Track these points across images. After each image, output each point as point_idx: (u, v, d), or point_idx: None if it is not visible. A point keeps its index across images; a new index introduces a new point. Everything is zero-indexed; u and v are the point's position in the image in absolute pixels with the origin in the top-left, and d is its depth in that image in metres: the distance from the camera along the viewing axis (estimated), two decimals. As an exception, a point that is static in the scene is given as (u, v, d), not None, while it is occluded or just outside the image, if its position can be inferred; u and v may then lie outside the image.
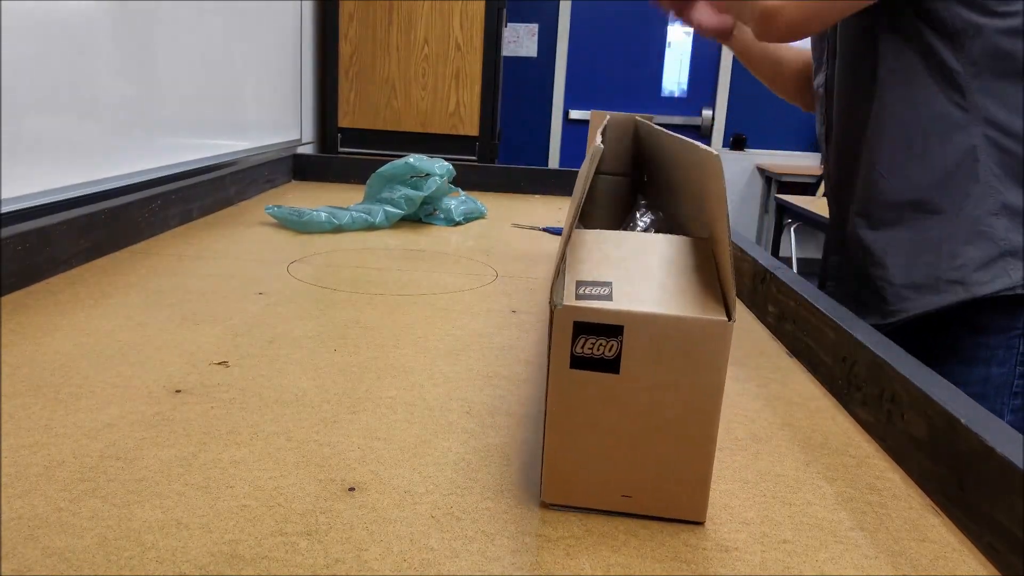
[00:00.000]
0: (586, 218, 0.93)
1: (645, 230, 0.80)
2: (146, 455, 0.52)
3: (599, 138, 0.65)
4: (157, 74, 1.35)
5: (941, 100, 0.84)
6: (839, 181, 0.99)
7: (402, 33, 2.40)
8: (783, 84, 1.20)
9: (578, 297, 0.46)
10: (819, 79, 1.03)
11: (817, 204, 3.37)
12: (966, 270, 0.84)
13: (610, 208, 0.95)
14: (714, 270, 0.47)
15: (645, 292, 0.46)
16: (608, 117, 0.94)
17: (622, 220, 0.93)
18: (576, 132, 5.20)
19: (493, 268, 1.12)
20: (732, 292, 0.45)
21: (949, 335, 0.88)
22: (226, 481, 0.50)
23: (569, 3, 5.02)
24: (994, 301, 0.84)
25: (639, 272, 0.47)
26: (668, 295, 0.46)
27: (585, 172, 0.54)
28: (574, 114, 5.17)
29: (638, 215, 0.82)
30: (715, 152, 0.46)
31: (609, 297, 0.45)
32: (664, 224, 0.78)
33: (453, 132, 2.46)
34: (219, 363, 0.69)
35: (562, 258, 0.48)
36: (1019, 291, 0.82)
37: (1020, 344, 0.85)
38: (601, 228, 0.52)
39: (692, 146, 0.53)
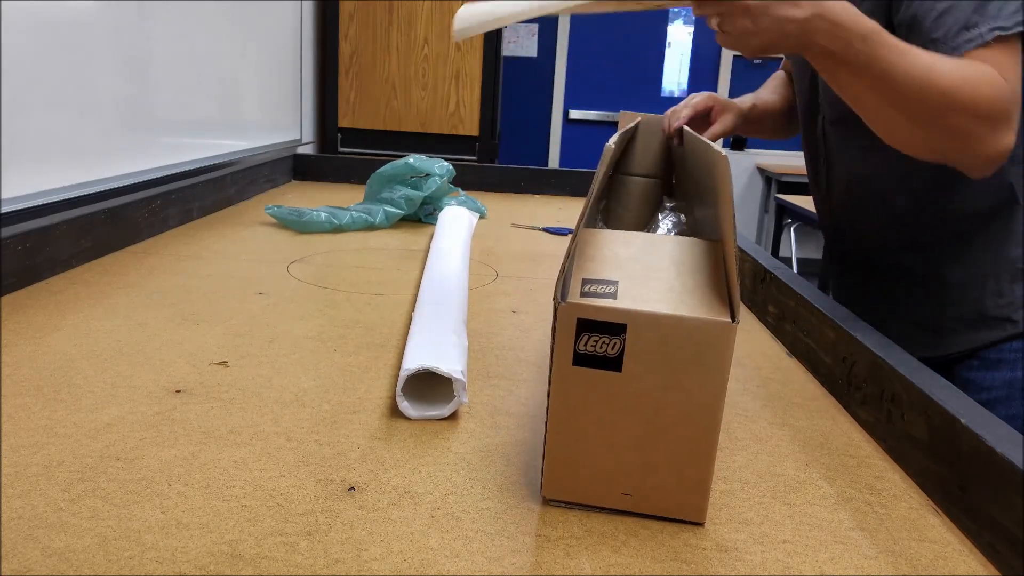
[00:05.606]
0: (614, 220, 0.92)
1: (667, 233, 0.78)
2: (146, 455, 0.52)
3: (613, 138, 0.64)
4: (157, 74, 1.35)
5: None
6: (854, 222, 0.97)
7: (402, 33, 2.40)
8: (782, 135, 1.23)
9: (583, 295, 0.46)
10: (812, 128, 1.01)
11: (817, 204, 3.36)
12: (1013, 308, 0.85)
13: (640, 210, 0.94)
14: (722, 272, 0.47)
15: (650, 292, 0.46)
16: (640, 119, 0.93)
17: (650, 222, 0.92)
18: (576, 132, 5.19)
19: (493, 268, 1.12)
20: (737, 294, 0.45)
21: None
22: (226, 481, 0.50)
23: (569, 3, 5.01)
24: None
25: (647, 272, 0.47)
26: (673, 295, 0.46)
27: (599, 173, 0.54)
28: (574, 114, 5.16)
29: (660, 217, 0.81)
30: (723, 153, 0.46)
31: (614, 296, 0.45)
32: (688, 227, 0.77)
33: (453, 132, 2.46)
34: (219, 363, 0.69)
35: (569, 256, 0.48)
36: None
37: None
38: (629, 230, 0.52)
39: (706, 147, 0.53)
